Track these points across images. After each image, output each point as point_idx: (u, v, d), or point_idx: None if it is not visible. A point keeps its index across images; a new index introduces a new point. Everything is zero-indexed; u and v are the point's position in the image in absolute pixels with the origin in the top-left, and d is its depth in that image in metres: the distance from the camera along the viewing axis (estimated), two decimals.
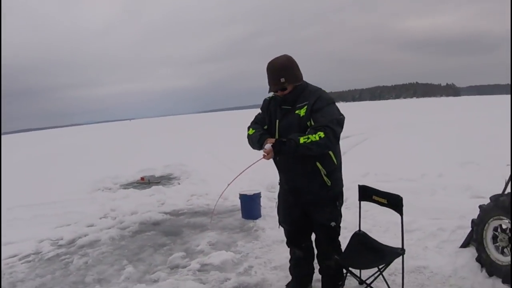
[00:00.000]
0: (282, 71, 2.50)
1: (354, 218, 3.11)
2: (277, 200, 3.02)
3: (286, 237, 3.01)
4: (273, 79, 2.52)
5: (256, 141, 2.58)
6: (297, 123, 2.50)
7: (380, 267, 2.66)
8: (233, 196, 6.01)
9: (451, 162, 7.32)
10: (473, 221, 3.33)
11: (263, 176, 7.67)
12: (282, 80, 2.49)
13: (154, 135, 23.73)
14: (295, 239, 2.95)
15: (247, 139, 2.72)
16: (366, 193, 2.93)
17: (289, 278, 3.24)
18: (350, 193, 3.86)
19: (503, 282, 2.89)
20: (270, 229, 4.61)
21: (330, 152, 2.57)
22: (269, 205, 5.55)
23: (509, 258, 2.93)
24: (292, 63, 2.55)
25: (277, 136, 2.60)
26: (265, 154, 2.41)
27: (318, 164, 2.56)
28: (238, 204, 5.51)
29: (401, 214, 2.66)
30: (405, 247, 2.69)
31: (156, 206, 5.61)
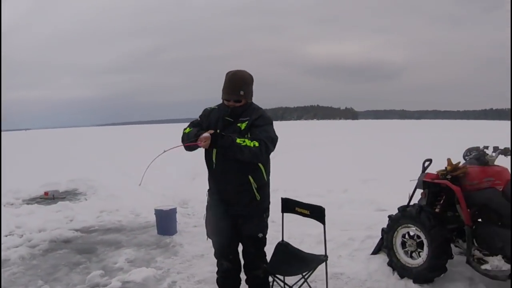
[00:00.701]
0: (244, 84, 2.61)
1: (272, 230, 3.22)
2: (205, 213, 2.96)
3: (215, 249, 2.96)
4: (232, 89, 2.59)
5: (193, 135, 2.57)
6: (237, 135, 2.56)
7: (305, 273, 2.78)
8: (146, 212, 5.80)
9: (354, 179, 7.96)
10: (383, 229, 3.66)
11: (175, 192, 7.56)
12: (242, 92, 2.58)
13: (54, 147, 21.74)
14: (224, 251, 2.92)
15: (181, 139, 2.71)
16: (289, 205, 3.03)
17: None
18: None
19: (414, 282, 3.24)
20: (188, 244, 4.51)
21: (262, 168, 2.68)
22: (183, 220, 5.45)
23: (417, 260, 3.29)
24: (252, 81, 2.68)
25: (214, 152, 2.63)
26: (202, 141, 2.41)
27: (250, 178, 2.64)
28: (151, 220, 5.34)
29: (324, 224, 2.84)
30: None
31: (65, 223, 5.14)
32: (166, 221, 4.93)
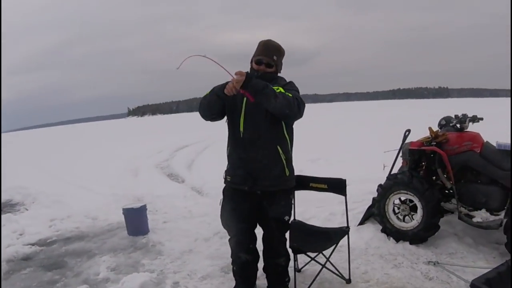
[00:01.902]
0: (277, 52, 2.55)
1: None
2: (221, 198, 2.77)
3: (233, 239, 2.77)
4: (266, 52, 2.52)
5: (218, 88, 2.44)
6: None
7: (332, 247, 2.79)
8: (103, 214, 5.34)
9: (303, 160, 8.18)
10: (374, 199, 3.81)
11: (124, 190, 7.06)
12: (274, 58, 2.52)
13: None
14: (244, 240, 2.74)
15: (201, 106, 2.60)
16: (301, 182, 2.95)
17: (226, 283, 3.08)
18: None
19: (411, 243, 3.46)
20: (169, 241, 4.24)
21: (288, 139, 2.58)
22: (150, 218, 5.10)
23: (411, 223, 3.50)
24: (284, 54, 2.63)
25: (242, 118, 2.51)
26: (237, 74, 2.22)
27: (279, 148, 2.53)
28: (114, 222, 4.94)
29: (345, 196, 2.87)
30: None
31: (16, 238, 4.45)
32: (137, 220, 4.56)
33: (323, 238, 2.85)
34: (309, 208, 4.74)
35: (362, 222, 4.05)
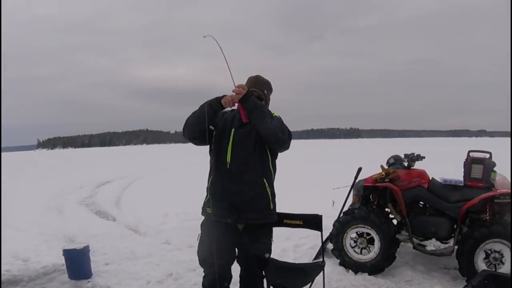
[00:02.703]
0: (266, 86, 2.62)
1: None
2: (199, 233, 2.63)
3: (209, 278, 2.63)
4: (257, 85, 2.57)
5: (212, 100, 2.43)
6: (255, 134, 2.45)
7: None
8: (34, 256, 4.76)
9: None
10: (331, 233, 3.92)
11: (52, 228, 6.42)
12: (265, 91, 2.59)
13: None
14: (222, 278, 2.59)
15: (188, 121, 2.51)
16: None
17: None
18: None
19: (369, 274, 3.65)
20: (118, 285, 3.92)
21: (272, 172, 2.59)
22: None
23: (368, 255, 3.68)
24: (272, 90, 2.71)
25: (229, 148, 2.47)
26: (239, 86, 2.34)
27: (265, 180, 2.51)
28: (48, 264, 4.41)
29: (321, 231, 2.93)
30: None
31: None
32: (80, 263, 4.13)
33: (301, 275, 2.84)
34: None
35: (317, 257, 4.14)
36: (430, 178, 3.85)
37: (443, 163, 9.47)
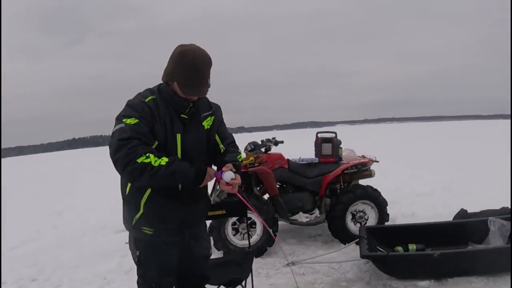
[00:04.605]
0: (209, 69, 1.86)
1: None
2: (137, 253, 2.01)
3: None
4: (201, 79, 1.84)
5: (190, 173, 1.82)
6: (206, 139, 2.01)
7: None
8: None
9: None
10: (211, 225, 3.77)
11: None
12: (209, 81, 1.88)
13: None
14: None
15: (147, 173, 1.72)
16: None
17: None
18: None
19: (256, 256, 3.59)
20: None
21: None
22: None
23: (252, 239, 3.75)
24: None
25: (179, 156, 1.90)
26: (231, 186, 1.90)
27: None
28: None
29: (246, 217, 2.90)
30: None
31: None
32: None
33: (236, 267, 2.69)
34: None
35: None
36: (288, 159, 4.28)
37: None
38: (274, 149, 4.38)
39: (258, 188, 4.21)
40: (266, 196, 4.20)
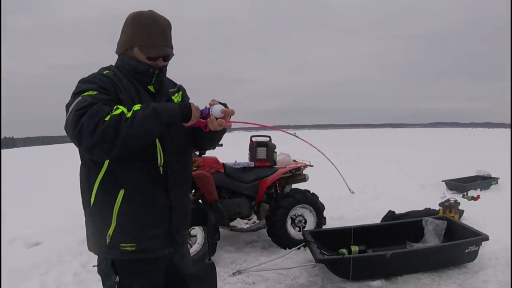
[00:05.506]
0: (171, 31, 1.64)
1: None
2: (116, 279, 1.58)
3: None
4: (165, 38, 1.60)
5: (173, 107, 1.44)
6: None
7: None
8: None
9: None
10: None
11: None
12: (172, 43, 1.64)
13: None
14: None
15: (123, 125, 1.33)
16: None
17: None
18: None
19: None
20: None
21: None
22: None
23: (193, 248, 3.57)
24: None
25: (159, 145, 1.59)
26: (225, 121, 1.47)
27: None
28: None
29: (206, 225, 2.87)
30: None
31: None
32: None
33: (199, 283, 2.44)
34: None
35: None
36: (223, 163, 4.12)
37: None
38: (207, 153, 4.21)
39: (192, 193, 3.99)
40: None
